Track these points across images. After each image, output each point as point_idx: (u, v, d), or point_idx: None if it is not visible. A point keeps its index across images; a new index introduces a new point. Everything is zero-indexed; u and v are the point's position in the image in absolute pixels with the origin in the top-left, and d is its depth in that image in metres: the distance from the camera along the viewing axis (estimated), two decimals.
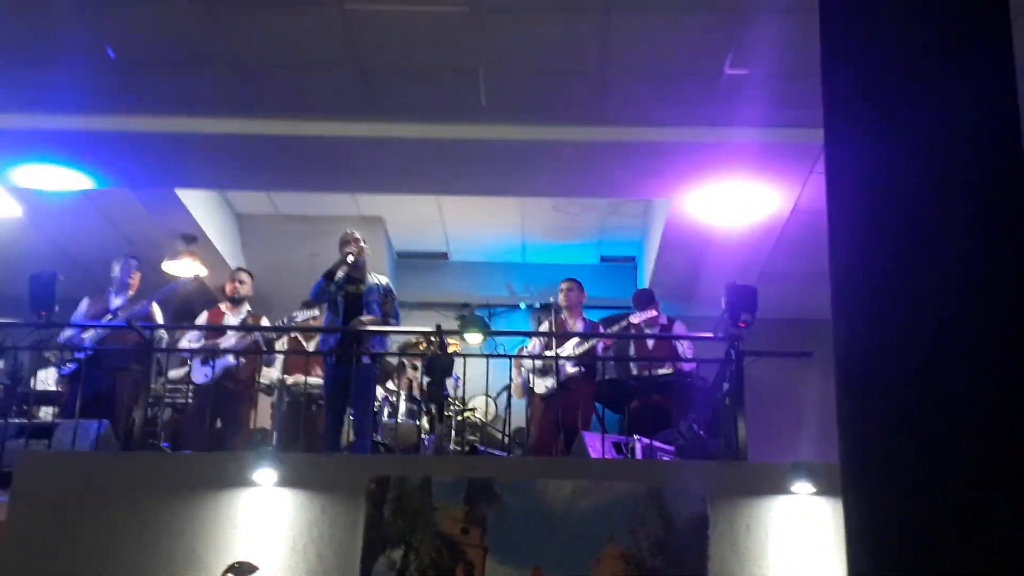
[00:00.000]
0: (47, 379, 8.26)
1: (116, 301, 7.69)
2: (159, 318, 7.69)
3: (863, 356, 3.36)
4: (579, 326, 7.97)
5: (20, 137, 7.24)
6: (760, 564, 5.69)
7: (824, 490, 5.65)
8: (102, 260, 8.16)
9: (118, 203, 8.76)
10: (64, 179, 7.88)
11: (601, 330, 7.96)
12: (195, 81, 6.77)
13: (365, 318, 7.15)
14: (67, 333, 7.58)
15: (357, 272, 7.29)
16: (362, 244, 7.35)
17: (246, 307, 8.01)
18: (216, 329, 7.78)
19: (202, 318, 8.01)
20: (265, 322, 7.95)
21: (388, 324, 7.31)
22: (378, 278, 7.46)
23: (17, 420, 7.14)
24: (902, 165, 3.38)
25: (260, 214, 9.70)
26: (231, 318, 7.92)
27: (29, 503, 6.05)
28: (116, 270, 7.77)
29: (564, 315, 8.03)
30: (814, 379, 7.41)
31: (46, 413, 7.81)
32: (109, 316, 7.56)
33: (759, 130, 6.86)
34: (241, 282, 8.02)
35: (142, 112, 7.10)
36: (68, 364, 7.49)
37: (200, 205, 8.96)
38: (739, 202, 7.83)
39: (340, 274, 7.16)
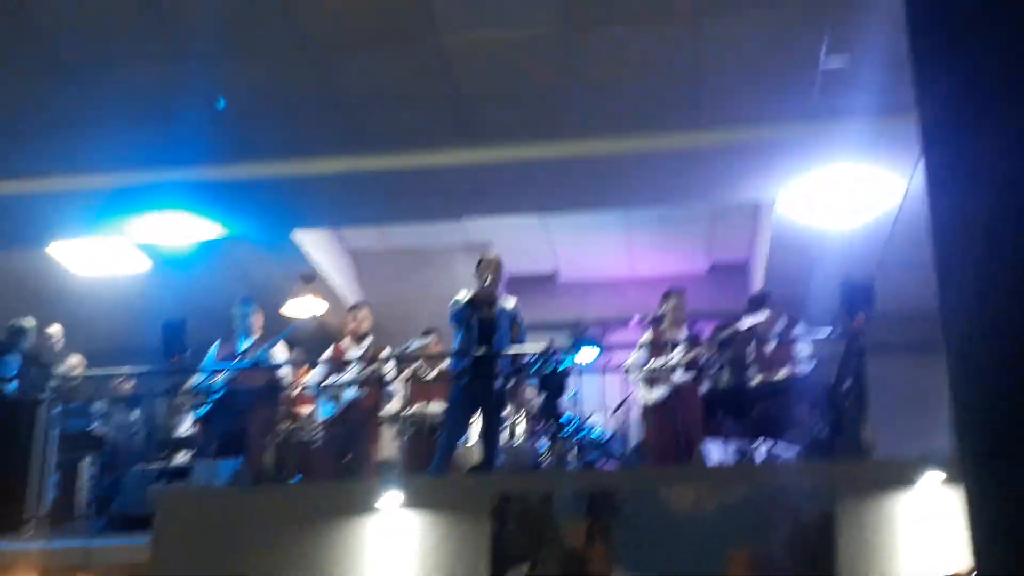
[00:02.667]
0: (182, 428, 8.58)
1: (244, 344, 7.96)
2: (284, 356, 7.94)
3: (972, 344, 3.29)
4: (682, 337, 7.91)
5: (139, 192, 7.60)
6: (890, 560, 5.54)
7: (953, 480, 5.47)
8: (227, 306, 8.50)
9: (239, 250, 9.11)
10: (183, 231, 8.23)
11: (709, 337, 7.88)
12: (302, 124, 7.02)
13: None
14: (198, 378, 7.88)
15: (491, 296, 7.34)
16: (500, 267, 7.39)
17: (368, 340, 8.18)
18: (341, 363, 7.98)
19: (327, 354, 8.22)
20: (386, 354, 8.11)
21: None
22: (507, 302, 7.47)
23: (156, 465, 7.44)
24: (1002, 160, 3.33)
25: (373, 250, 9.94)
26: (355, 352, 8.10)
27: (170, 539, 6.32)
28: (237, 314, 8.06)
29: (665, 326, 7.94)
30: (940, 370, 7.18)
31: (184, 458, 8.13)
32: (239, 358, 7.84)
33: (861, 119, 6.73)
34: (361, 319, 8.17)
35: (253, 159, 7.40)
36: (202, 407, 7.78)
37: (315, 245, 9.25)
38: (847, 195, 7.67)
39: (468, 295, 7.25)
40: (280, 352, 7.93)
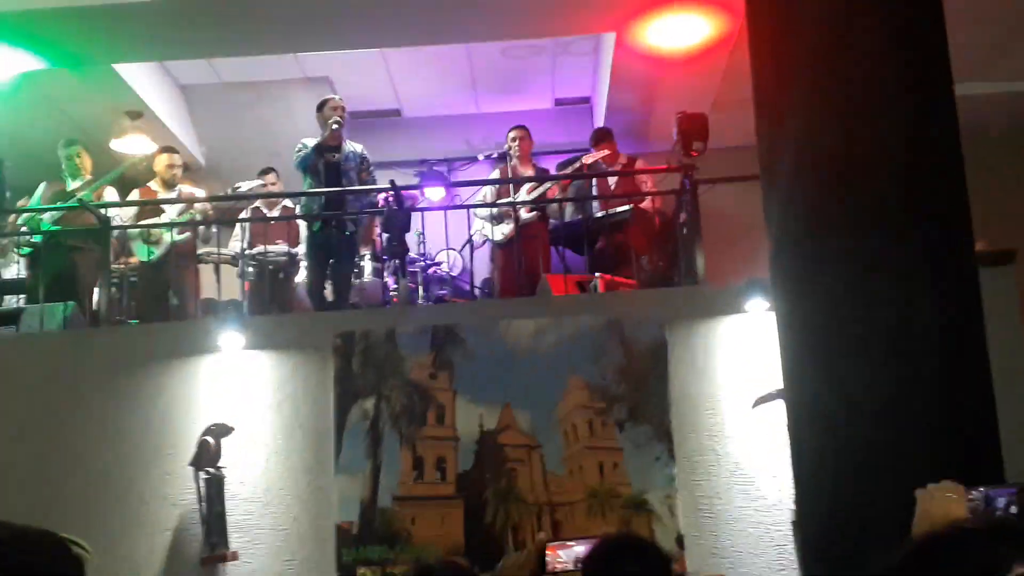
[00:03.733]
0: (7, 271, 8.23)
1: (73, 184, 7.62)
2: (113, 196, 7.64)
3: (790, 172, 3.43)
4: (530, 173, 7.97)
5: None
6: (718, 382, 5.87)
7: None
8: (47, 145, 8.03)
9: (60, 85, 8.56)
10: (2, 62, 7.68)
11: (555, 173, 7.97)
12: None
13: None
14: (23, 219, 7.53)
15: (336, 140, 7.26)
16: (344, 110, 7.33)
17: (179, 186, 7.95)
18: (151, 203, 7.74)
19: (134, 195, 7.94)
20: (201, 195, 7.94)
21: None
22: (353, 145, 7.42)
23: None
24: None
25: (204, 83, 9.49)
26: (164, 195, 7.85)
27: (2, 388, 6.12)
28: (62, 154, 7.69)
29: (515, 163, 8.01)
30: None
31: (13, 303, 7.82)
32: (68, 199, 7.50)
33: None
34: (176, 165, 7.93)
35: None
36: (25, 248, 7.47)
37: (142, 79, 8.77)
38: (686, 29, 7.71)
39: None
40: (109, 192, 7.64)
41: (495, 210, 7.75)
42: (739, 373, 5.84)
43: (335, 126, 7.21)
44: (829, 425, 3.21)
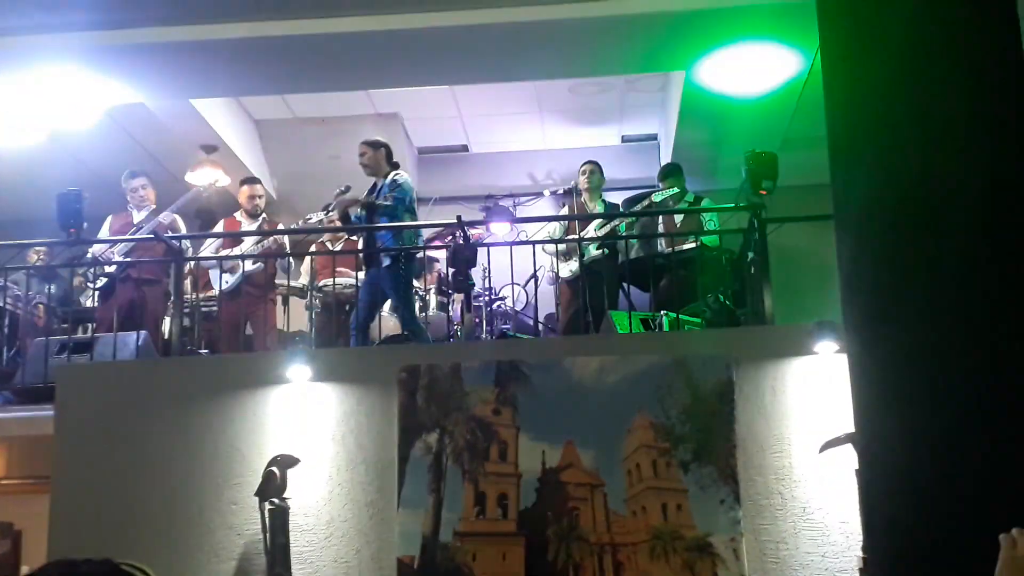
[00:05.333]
0: (84, 301, 8.44)
1: (139, 216, 7.82)
2: (182, 228, 7.81)
3: (863, 210, 3.37)
4: (599, 209, 7.98)
5: (34, 55, 7.26)
6: (786, 423, 5.77)
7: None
8: None
9: (138, 119, 8.81)
10: (79, 97, 7.91)
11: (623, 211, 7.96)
12: None
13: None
14: (96, 251, 7.73)
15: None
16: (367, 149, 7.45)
17: (262, 217, 8.11)
18: (233, 236, 7.89)
19: (219, 227, 8.13)
20: (281, 227, 8.06)
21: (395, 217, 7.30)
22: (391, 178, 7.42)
23: (59, 338, 7.33)
24: (897, 35, 3.35)
25: (278, 119, 9.70)
26: (248, 226, 8.02)
27: (73, 413, 6.25)
28: (126, 187, 7.88)
29: (584, 198, 8.04)
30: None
31: (87, 332, 8.01)
32: (133, 230, 7.69)
33: None
34: (257, 196, 8.08)
35: (152, 23, 7.08)
36: (99, 280, 7.65)
37: (218, 114, 8.99)
38: (754, 67, 7.69)
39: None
40: (178, 223, 7.82)
41: (563, 246, 7.76)
42: (808, 415, 5.73)
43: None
44: (900, 472, 3.13)
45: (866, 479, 3.36)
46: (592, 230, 7.79)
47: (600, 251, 7.76)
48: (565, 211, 8.16)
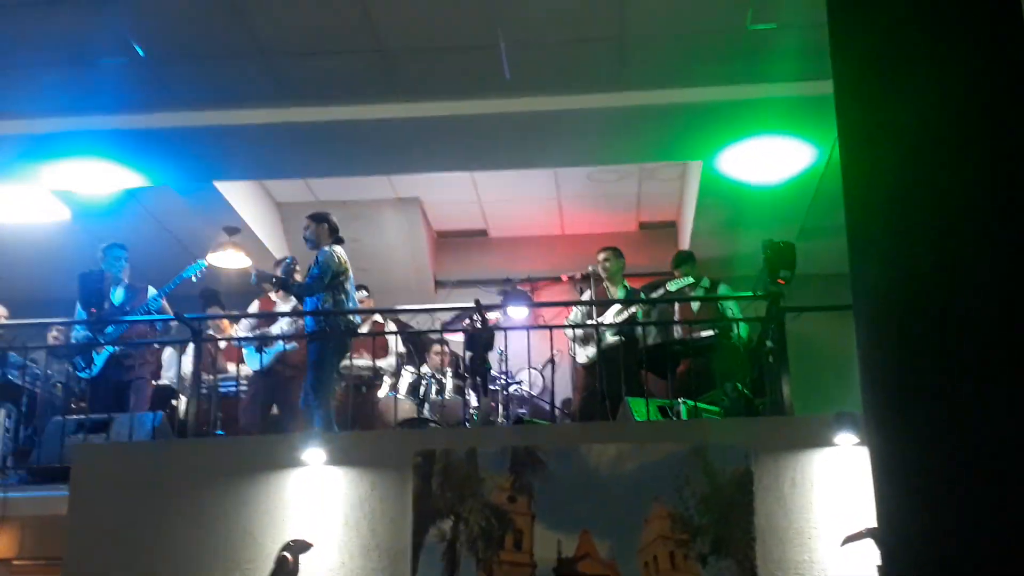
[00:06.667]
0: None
1: (118, 294, 7.73)
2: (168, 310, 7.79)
3: (879, 298, 3.36)
4: (619, 294, 7.99)
5: (57, 139, 7.40)
6: (806, 516, 5.69)
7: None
8: (148, 258, 8.34)
9: (162, 200, 8.94)
10: (103, 179, 8.05)
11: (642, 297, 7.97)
12: (223, 73, 6.88)
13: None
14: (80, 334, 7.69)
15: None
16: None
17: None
18: (266, 316, 7.93)
19: (253, 307, 8.17)
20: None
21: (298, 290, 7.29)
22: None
23: (75, 417, 7.33)
24: (911, 123, 3.38)
25: (299, 202, 9.82)
26: (282, 306, 8.06)
27: (89, 493, 6.23)
28: (107, 258, 7.76)
29: (604, 284, 8.06)
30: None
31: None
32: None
33: (788, 84, 6.80)
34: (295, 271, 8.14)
35: (175, 108, 7.23)
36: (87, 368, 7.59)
37: (241, 197, 9.11)
38: (772, 158, 7.77)
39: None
40: (164, 306, 7.74)
41: (581, 331, 7.76)
42: (828, 508, 5.65)
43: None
44: (923, 569, 3.07)
45: (887, 574, 3.29)
46: (611, 316, 7.79)
47: (618, 338, 7.74)
48: (585, 296, 8.17)
